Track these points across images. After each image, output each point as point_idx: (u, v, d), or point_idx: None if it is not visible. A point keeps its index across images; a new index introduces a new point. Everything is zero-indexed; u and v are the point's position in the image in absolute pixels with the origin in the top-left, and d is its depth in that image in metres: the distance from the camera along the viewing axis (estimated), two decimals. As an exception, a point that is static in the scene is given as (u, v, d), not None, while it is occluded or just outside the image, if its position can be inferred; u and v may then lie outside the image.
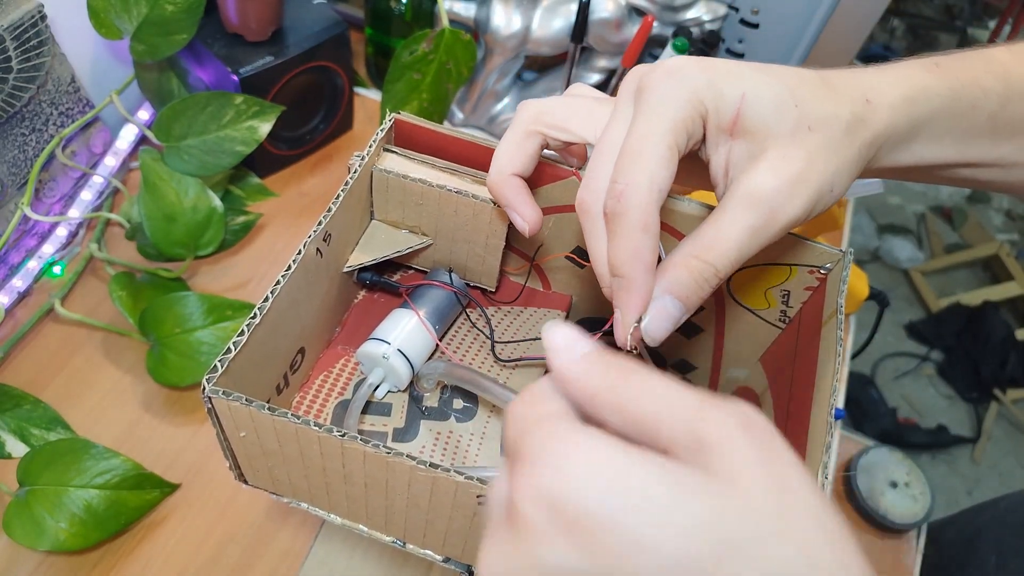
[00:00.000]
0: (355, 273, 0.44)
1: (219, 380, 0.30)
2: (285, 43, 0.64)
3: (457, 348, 0.45)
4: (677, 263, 0.30)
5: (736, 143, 0.30)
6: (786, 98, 0.29)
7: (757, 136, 0.29)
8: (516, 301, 0.48)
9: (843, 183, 0.30)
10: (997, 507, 0.74)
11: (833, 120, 0.29)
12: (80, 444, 0.50)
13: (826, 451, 0.31)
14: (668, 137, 0.28)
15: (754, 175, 0.29)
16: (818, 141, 0.29)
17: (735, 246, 0.29)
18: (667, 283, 0.30)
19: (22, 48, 0.54)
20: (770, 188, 0.29)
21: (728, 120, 0.29)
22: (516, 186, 0.35)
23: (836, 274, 0.38)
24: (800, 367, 0.39)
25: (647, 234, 0.28)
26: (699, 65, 0.29)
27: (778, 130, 0.29)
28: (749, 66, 0.30)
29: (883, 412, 1.64)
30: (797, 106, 0.29)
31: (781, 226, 0.29)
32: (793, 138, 0.29)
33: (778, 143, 0.29)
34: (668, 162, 0.28)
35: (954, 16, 2.61)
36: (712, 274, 0.29)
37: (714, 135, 0.30)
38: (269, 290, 0.33)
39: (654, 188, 0.28)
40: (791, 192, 0.29)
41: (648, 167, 0.28)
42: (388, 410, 0.42)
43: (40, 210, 0.62)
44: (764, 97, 0.29)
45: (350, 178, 0.39)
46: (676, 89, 0.29)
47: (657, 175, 0.28)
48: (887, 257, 1.98)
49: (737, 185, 0.29)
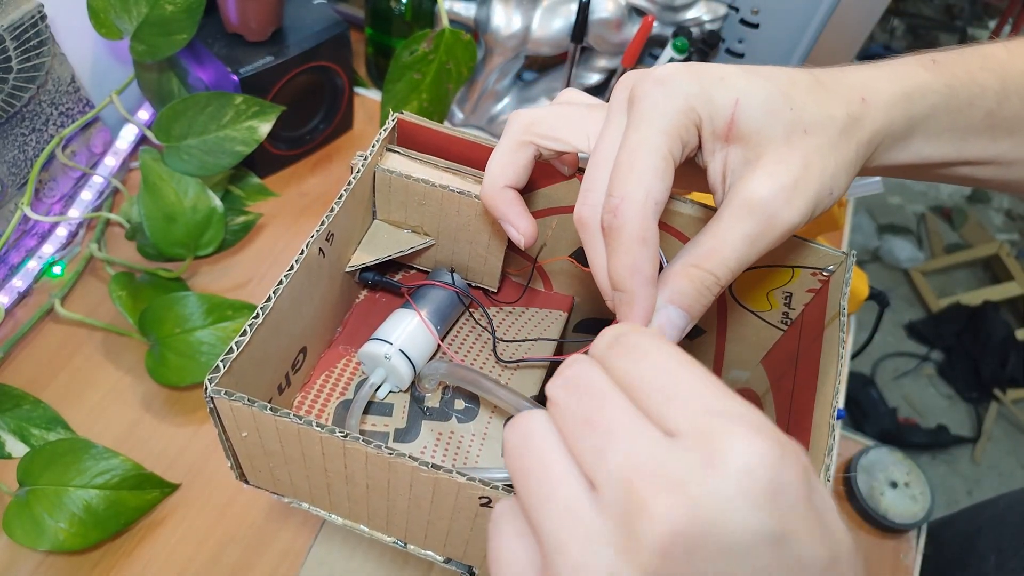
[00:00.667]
0: (357, 273, 0.44)
1: (221, 380, 0.30)
2: (285, 43, 0.64)
3: (459, 349, 0.45)
4: (677, 272, 0.29)
5: (732, 149, 0.30)
6: (780, 101, 0.29)
7: (752, 141, 0.29)
8: (518, 302, 0.48)
9: (841, 184, 0.30)
10: (996, 506, 0.74)
11: (828, 122, 0.29)
12: (80, 444, 0.50)
13: (828, 454, 0.31)
14: (662, 148, 0.28)
15: (751, 182, 0.29)
16: (814, 144, 0.29)
17: (734, 254, 0.29)
18: (669, 293, 0.29)
19: (22, 48, 0.54)
20: (767, 195, 0.28)
21: (722, 127, 0.29)
22: (509, 199, 0.34)
23: (838, 276, 0.38)
24: (802, 369, 0.39)
25: (646, 247, 0.28)
26: (690, 72, 0.29)
27: (773, 134, 0.29)
28: (740, 70, 0.30)
29: (883, 412, 1.64)
30: (792, 109, 0.29)
31: (780, 232, 0.29)
32: (789, 142, 0.29)
33: (774, 148, 0.29)
34: (663, 173, 0.28)
35: (954, 16, 2.61)
36: (713, 282, 0.29)
37: (709, 142, 0.30)
38: (272, 290, 0.33)
39: (650, 200, 0.28)
40: (789, 197, 0.29)
41: (643, 180, 0.28)
42: (389, 410, 0.42)
43: (40, 210, 0.62)
44: (757, 102, 0.29)
45: (353, 178, 0.39)
46: (668, 98, 0.28)
47: (653, 187, 0.28)
48: (887, 257, 1.98)
49: (734, 192, 0.29)
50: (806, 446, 0.34)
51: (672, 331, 0.30)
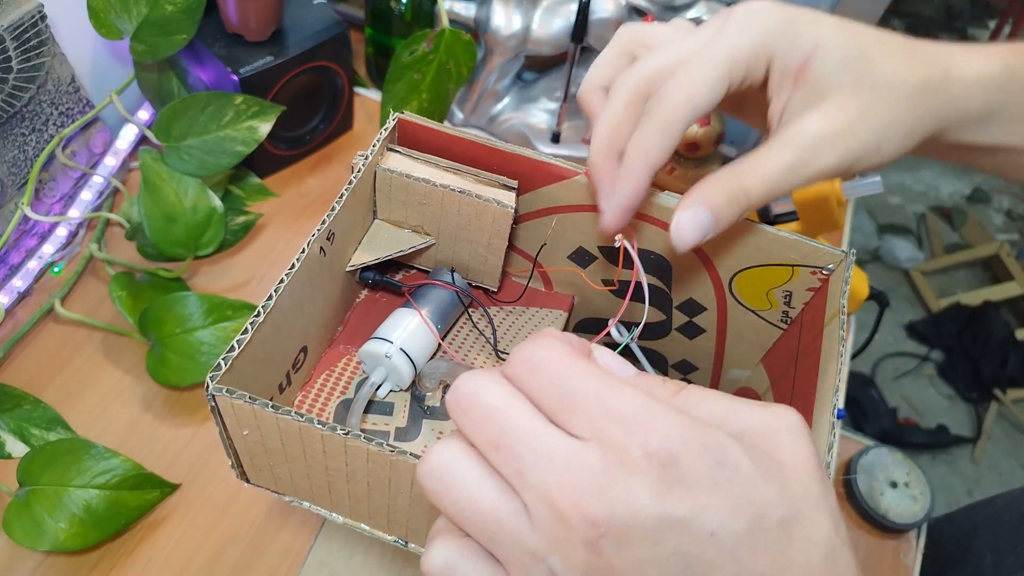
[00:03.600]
0: (357, 272, 0.44)
1: (223, 378, 0.30)
2: (285, 43, 0.64)
3: (459, 348, 0.45)
4: (714, 179, 0.31)
5: (797, 90, 0.31)
6: (857, 55, 0.30)
7: (819, 87, 0.30)
8: (518, 301, 0.48)
9: (893, 145, 0.31)
10: (993, 505, 0.74)
11: (899, 83, 0.30)
12: (80, 444, 0.49)
13: (828, 451, 0.31)
14: (724, 66, 0.30)
15: (805, 119, 0.30)
16: (877, 98, 0.30)
17: (770, 177, 0.30)
18: (702, 194, 0.31)
19: (22, 48, 0.54)
20: (815, 132, 0.30)
21: (795, 66, 0.30)
22: (601, 101, 0.36)
23: (838, 275, 0.38)
24: (802, 368, 0.39)
25: (666, 138, 0.30)
26: (782, 10, 0.30)
27: (841, 84, 0.30)
28: (832, 19, 0.31)
29: (883, 412, 1.64)
30: (867, 65, 0.30)
31: (816, 170, 0.30)
32: (854, 92, 0.30)
33: (836, 95, 0.30)
34: (714, 88, 0.30)
35: (954, 16, 2.61)
36: (744, 196, 0.31)
37: (778, 78, 0.31)
38: (273, 288, 0.33)
39: (690, 105, 0.30)
40: (835, 140, 0.30)
41: (693, 85, 0.30)
42: (390, 409, 0.42)
43: (40, 210, 0.62)
44: (836, 51, 0.30)
45: (354, 177, 0.39)
46: (752, 23, 0.30)
47: (697, 95, 0.30)
48: (887, 257, 1.98)
49: (787, 126, 0.31)
50: None
51: (697, 229, 0.31)
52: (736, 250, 0.40)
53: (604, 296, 0.48)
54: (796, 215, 0.65)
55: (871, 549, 0.64)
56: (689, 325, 0.47)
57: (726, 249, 0.40)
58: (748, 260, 0.40)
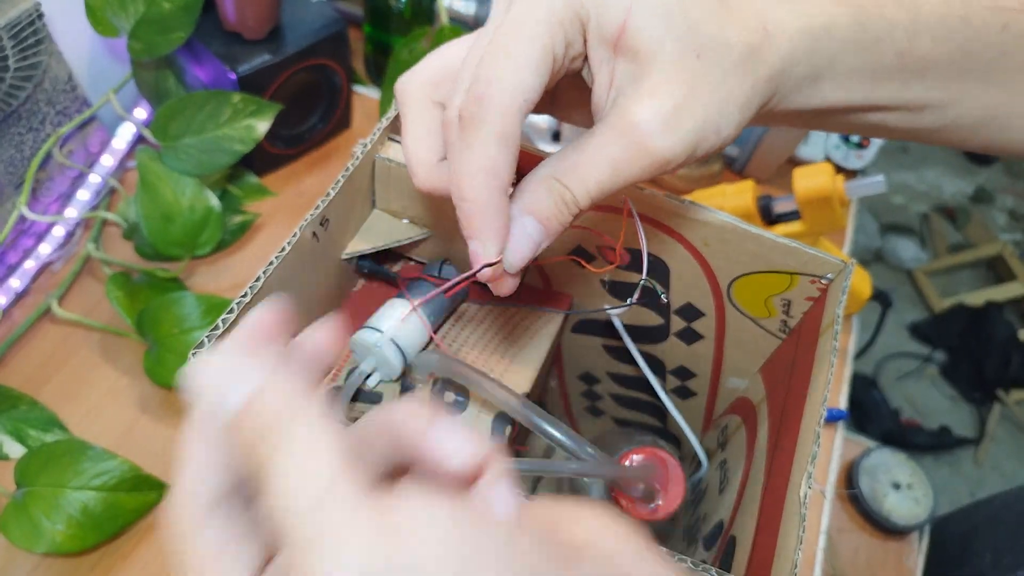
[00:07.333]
0: (354, 261, 0.44)
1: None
2: (283, 41, 0.64)
3: (452, 342, 0.44)
4: (536, 181, 0.27)
5: (619, 62, 0.26)
6: (677, 15, 0.25)
7: (642, 55, 0.26)
8: (515, 298, 0.48)
9: (731, 124, 0.27)
10: (992, 505, 0.74)
11: (724, 49, 0.26)
12: (77, 445, 0.49)
13: (811, 461, 0.31)
14: (542, 37, 0.24)
15: (630, 101, 0.26)
16: (705, 70, 0.26)
17: (595, 175, 0.26)
18: (525, 202, 0.27)
19: (19, 46, 0.54)
20: (642, 118, 0.25)
21: (612, 31, 0.26)
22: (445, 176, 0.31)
23: (837, 284, 0.37)
24: (796, 378, 0.38)
25: (506, 147, 0.25)
26: None
27: (664, 51, 0.25)
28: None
29: (886, 413, 1.63)
30: (688, 25, 0.26)
31: (650, 163, 0.26)
32: (679, 63, 0.26)
33: (662, 66, 0.26)
34: (538, 66, 0.25)
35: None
36: (571, 199, 0.26)
37: (596, 48, 0.26)
38: (261, 270, 0.33)
39: (519, 92, 0.24)
40: (666, 125, 0.25)
41: (515, 67, 0.24)
42: (379, 399, 0.42)
43: (37, 210, 0.61)
44: (653, 11, 0.25)
45: (351, 164, 0.38)
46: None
47: (525, 80, 0.24)
48: (890, 257, 1.98)
49: (613, 108, 0.26)
50: (792, 453, 0.33)
51: (528, 245, 0.27)
52: (734, 255, 0.40)
53: (603, 295, 0.47)
54: (798, 214, 0.64)
55: (873, 551, 0.64)
56: (687, 330, 0.47)
57: (723, 253, 0.40)
58: (746, 266, 0.40)
